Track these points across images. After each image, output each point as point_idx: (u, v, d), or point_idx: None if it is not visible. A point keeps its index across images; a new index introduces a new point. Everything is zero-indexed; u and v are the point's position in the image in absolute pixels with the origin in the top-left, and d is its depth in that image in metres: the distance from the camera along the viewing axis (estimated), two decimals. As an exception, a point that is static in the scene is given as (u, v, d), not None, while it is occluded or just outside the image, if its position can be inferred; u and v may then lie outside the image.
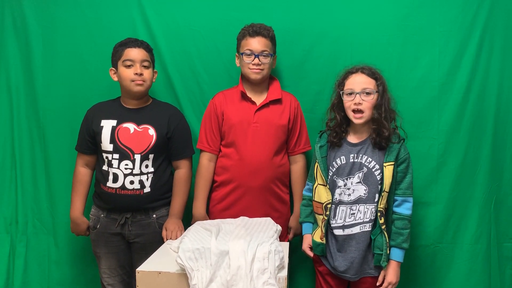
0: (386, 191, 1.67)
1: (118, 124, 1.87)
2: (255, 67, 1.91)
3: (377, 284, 1.70)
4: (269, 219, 1.81)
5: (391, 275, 1.68)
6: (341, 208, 1.73)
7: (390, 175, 1.67)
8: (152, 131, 1.88)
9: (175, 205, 1.93)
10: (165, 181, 1.93)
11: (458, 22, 2.03)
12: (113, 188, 1.85)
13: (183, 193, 1.95)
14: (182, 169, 1.96)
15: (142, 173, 1.85)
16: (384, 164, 1.68)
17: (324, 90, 2.07)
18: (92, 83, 2.15)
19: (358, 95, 1.69)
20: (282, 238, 1.89)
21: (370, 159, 1.71)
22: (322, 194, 1.77)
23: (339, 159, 1.75)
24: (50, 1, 2.15)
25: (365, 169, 1.71)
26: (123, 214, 1.88)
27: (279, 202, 1.99)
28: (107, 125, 1.87)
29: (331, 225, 1.74)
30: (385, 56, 2.03)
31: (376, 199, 1.69)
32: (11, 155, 2.22)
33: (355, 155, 1.73)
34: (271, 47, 1.94)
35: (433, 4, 2.03)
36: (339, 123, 1.78)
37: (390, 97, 1.74)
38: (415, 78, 2.05)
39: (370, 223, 1.69)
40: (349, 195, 1.72)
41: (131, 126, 1.88)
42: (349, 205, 1.72)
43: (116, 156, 1.84)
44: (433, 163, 2.06)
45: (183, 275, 1.47)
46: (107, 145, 1.85)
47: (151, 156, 1.87)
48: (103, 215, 1.91)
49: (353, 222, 1.71)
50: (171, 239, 1.81)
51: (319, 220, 1.78)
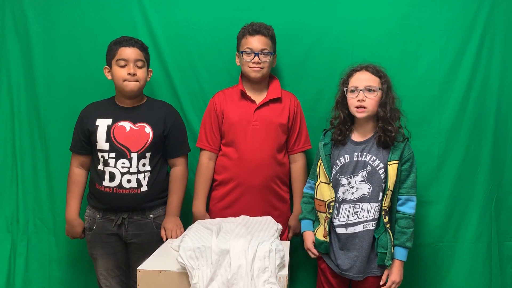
0: (390, 190, 1.67)
1: (113, 122, 1.86)
2: (254, 65, 1.91)
3: (381, 283, 1.70)
4: (270, 218, 1.81)
5: (395, 274, 1.68)
6: (344, 206, 1.73)
7: (394, 174, 1.67)
8: (148, 129, 1.87)
9: (172, 203, 1.92)
10: (161, 180, 1.92)
11: (458, 21, 2.02)
12: (109, 187, 1.83)
13: (180, 191, 1.94)
14: (178, 166, 1.95)
15: (139, 172, 1.84)
16: (388, 162, 1.69)
17: (324, 89, 2.07)
18: (92, 82, 2.15)
19: (361, 92, 1.70)
20: (282, 236, 1.89)
21: (374, 158, 1.71)
22: (325, 192, 1.76)
23: (343, 157, 1.76)
24: (50, 0, 2.15)
25: (369, 168, 1.71)
26: (120, 214, 1.86)
27: (279, 200, 1.98)
28: (103, 124, 1.85)
29: (333, 223, 1.74)
30: (385, 55, 2.03)
31: (379, 198, 1.69)
32: (12, 154, 2.22)
33: (359, 153, 1.73)
34: (271, 46, 1.94)
35: (434, 3, 2.03)
36: (343, 121, 1.78)
37: (394, 96, 1.75)
38: (415, 77, 2.05)
39: (373, 222, 1.70)
40: (353, 193, 1.72)
41: (127, 124, 1.86)
42: (352, 203, 1.72)
43: (112, 155, 1.82)
44: (434, 162, 2.06)
45: (184, 274, 1.47)
46: (102, 144, 1.84)
47: (148, 154, 1.86)
48: (99, 216, 1.88)
49: (356, 220, 1.71)
50: (171, 238, 1.81)
51: (322, 218, 1.78)
